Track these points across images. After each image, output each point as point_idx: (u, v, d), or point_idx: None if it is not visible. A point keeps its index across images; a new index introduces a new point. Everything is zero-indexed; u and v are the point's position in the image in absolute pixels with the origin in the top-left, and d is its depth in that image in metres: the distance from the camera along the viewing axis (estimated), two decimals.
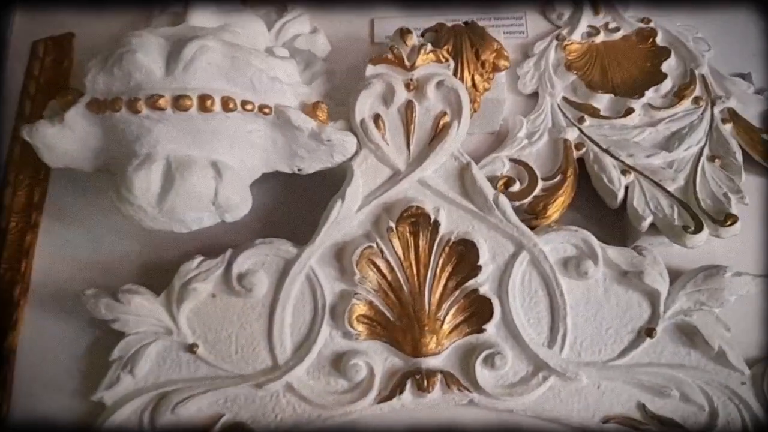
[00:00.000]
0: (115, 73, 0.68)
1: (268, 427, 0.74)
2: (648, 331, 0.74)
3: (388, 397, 0.73)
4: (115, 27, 0.96)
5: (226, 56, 0.68)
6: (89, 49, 0.97)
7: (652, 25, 0.92)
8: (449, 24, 0.84)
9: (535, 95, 0.90)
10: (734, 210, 0.75)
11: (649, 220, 0.76)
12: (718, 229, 0.73)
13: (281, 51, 0.79)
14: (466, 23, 0.84)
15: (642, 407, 0.74)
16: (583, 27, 0.93)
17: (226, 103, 0.67)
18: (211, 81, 0.68)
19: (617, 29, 0.93)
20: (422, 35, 0.85)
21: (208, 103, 0.66)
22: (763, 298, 0.77)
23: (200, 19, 0.76)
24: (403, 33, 0.74)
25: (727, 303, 0.74)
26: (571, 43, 0.92)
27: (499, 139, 0.87)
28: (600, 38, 0.93)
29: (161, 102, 0.66)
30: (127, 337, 0.75)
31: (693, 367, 0.74)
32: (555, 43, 0.92)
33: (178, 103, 0.66)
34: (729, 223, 0.73)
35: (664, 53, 0.90)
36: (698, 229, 0.73)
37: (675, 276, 0.76)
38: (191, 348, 0.75)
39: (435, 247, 0.75)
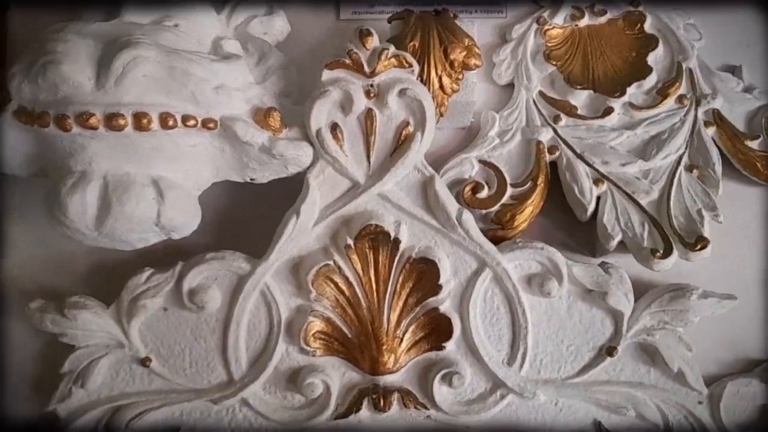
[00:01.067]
0: (40, 84, 0.61)
1: None
2: (609, 349, 0.73)
3: (345, 414, 0.72)
4: None
5: (163, 66, 0.61)
6: (27, 21, 0.88)
7: (641, 8, 0.85)
8: (418, 12, 0.76)
9: (510, 86, 0.84)
10: (706, 230, 0.72)
11: (617, 239, 0.73)
12: (687, 253, 0.70)
13: (231, 45, 0.71)
14: (436, 11, 0.76)
15: (597, 425, 0.74)
16: (567, 8, 0.85)
17: (165, 121, 0.62)
18: (147, 95, 0.61)
19: (603, 12, 0.85)
20: (389, 21, 0.78)
21: (144, 121, 0.61)
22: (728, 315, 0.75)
23: (138, 10, 0.67)
24: (363, 35, 0.67)
25: (691, 324, 0.72)
26: (553, 28, 0.84)
27: (470, 136, 0.82)
28: (584, 22, 0.85)
29: (92, 121, 0.60)
30: (77, 351, 0.73)
31: (652, 385, 0.74)
32: (535, 26, 0.84)
33: (111, 122, 0.60)
34: (699, 247, 0.70)
35: (651, 42, 0.83)
36: (667, 253, 0.70)
37: (643, 289, 0.75)
38: (144, 362, 0.73)
39: (395, 264, 0.72)
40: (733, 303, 0.72)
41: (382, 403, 0.71)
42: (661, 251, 0.70)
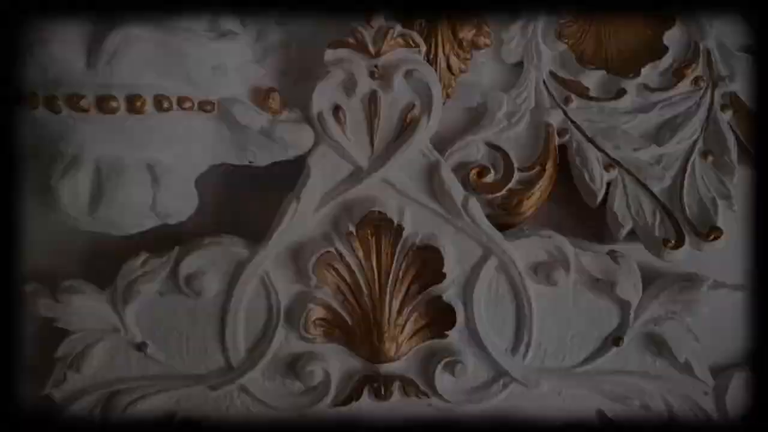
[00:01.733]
0: (29, 62, 0.58)
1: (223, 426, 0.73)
2: (615, 339, 0.72)
3: (345, 402, 0.72)
4: None
5: (157, 45, 0.58)
6: None
7: None
8: None
9: (519, 65, 0.80)
10: (720, 219, 0.70)
11: (628, 227, 0.71)
12: (700, 244, 0.68)
13: (228, 22, 0.68)
14: None
15: (601, 415, 0.73)
16: None
17: (160, 103, 0.59)
18: (141, 76, 0.58)
19: None
20: None
21: (138, 103, 0.58)
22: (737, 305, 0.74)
23: None
24: (367, 12, 0.64)
25: (701, 314, 0.71)
26: None
27: (477, 116, 0.79)
28: None
29: (83, 103, 0.57)
30: (71, 336, 0.71)
31: (657, 375, 0.73)
32: None
33: (103, 105, 0.57)
34: (712, 237, 0.68)
35: (667, 20, 0.79)
36: (679, 243, 0.68)
37: (653, 276, 0.73)
38: (140, 347, 0.72)
39: (398, 251, 0.70)
40: (744, 294, 0.71)
41: (383, 391, 0.71)
42: (673, 241, 0.68)
